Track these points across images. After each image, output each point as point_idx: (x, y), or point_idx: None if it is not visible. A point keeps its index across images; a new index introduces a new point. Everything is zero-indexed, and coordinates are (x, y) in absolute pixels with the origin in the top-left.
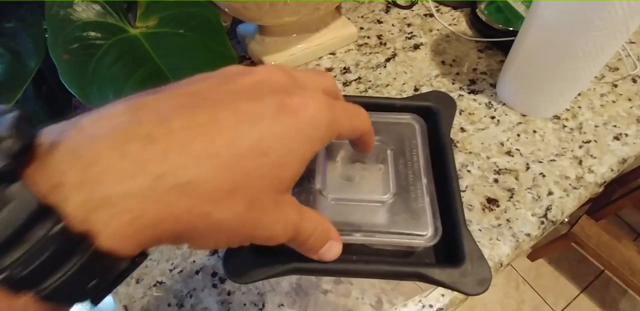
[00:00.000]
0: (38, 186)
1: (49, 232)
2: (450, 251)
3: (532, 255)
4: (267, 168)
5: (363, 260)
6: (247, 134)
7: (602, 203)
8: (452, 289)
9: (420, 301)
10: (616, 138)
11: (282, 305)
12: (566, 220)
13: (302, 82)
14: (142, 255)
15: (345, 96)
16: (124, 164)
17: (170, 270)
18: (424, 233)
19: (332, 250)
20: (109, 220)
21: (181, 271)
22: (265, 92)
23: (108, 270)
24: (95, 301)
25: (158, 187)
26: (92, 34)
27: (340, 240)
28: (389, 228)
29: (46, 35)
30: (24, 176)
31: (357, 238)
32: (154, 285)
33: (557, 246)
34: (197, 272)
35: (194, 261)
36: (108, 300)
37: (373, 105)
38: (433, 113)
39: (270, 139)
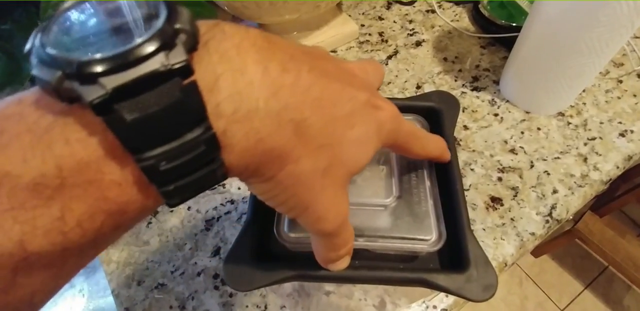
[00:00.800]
0: (199, 86)
1: (200, 135)
2: (455, 256)
3: (536, 251)
4: (350, 141)
5: (365, 266)
6: (346, 104)
7: (606, 199)
8: (457, 295)
9: (424, 302)
10: (621, 134)
11: (284, 306)
12: (570, 216)
13: (373, 82)
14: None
15: None
16: (265, 82)
17: (172, 272)
18: (427, 237)
19: (342, 263)
20: (243, 137)
21: (183, 273)
22: (358, 85)
23: (213, 183)
24: (174, 205)
25: (283, 115)
26: None
27: (351, 253)
28: (392, 233)
29: None
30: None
31: (360, 243)
32: (156, 287)
33: (560, 243)
34: (198, 274)
35: (196, 263)
36: (110, 301)
37: None
38: (436, 114)
39: (358, 117)
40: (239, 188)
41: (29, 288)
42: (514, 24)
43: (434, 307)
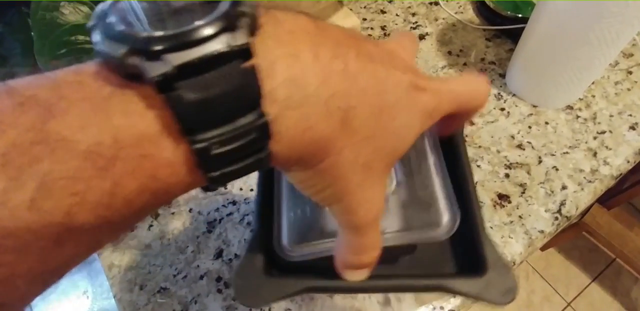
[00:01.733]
0: (257, 70)
1: (253, 121)
2: (471, 260)
3: (542, 245)
4: (392, 133)
5: (381, 275)
6: (391, 92)
7: (613, 192)
8: (478, 300)
9: (431, 302)
10: (632, 128)
11: (289, 309)
12: (579, 212)
13: (412, 59)
14: None
15: None
16: (317, 68)
17: (174, 276)
18: (439, 221)
19: (360, 275)
20: (292, 125)
21: (185, 276)
22: (400, 66)
23: (254, 171)
24: (212, 190)
25: (331, 103)
26: (81, 37)
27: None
28: (400, 226)
29: None
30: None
31: None
32: (158, 291)
33: (567, 236)
34: (201, 277)
35: (198, 266)
36: (113, 302)
37: None
38: None
39: (401, 107)
40: (241, 189)
41: (64, 259)
42: (520, 15)
43: (441, 308)
